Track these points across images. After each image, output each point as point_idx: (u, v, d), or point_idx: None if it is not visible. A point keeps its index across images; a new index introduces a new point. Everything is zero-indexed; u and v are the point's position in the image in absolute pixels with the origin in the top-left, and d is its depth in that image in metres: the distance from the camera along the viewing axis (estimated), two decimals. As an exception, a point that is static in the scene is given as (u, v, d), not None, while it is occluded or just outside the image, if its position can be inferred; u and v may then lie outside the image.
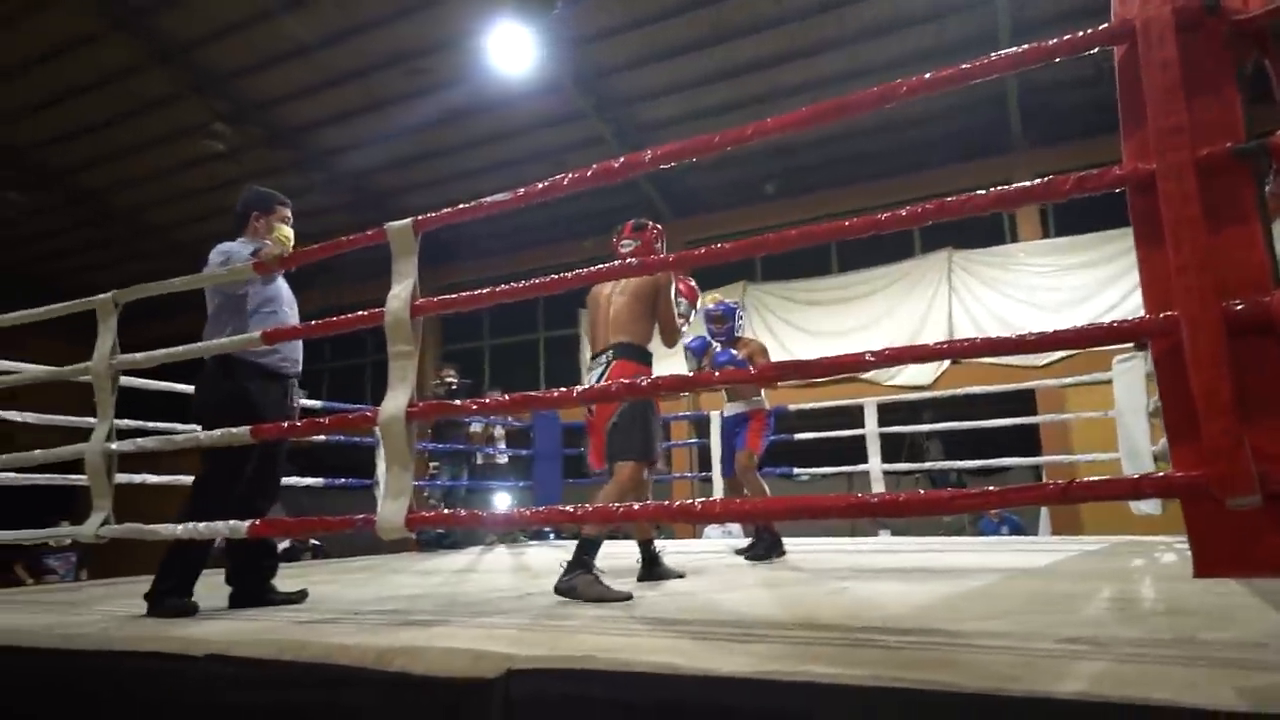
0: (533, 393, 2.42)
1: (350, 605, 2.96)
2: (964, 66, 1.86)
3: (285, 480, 5.83)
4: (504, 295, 2.53)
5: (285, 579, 3.42)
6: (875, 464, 6.29)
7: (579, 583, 2.80)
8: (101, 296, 3.35)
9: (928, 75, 1.91)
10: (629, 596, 2.79)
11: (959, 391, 7.05)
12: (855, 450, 6.54)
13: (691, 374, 4.53)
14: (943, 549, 5.17)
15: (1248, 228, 1.61)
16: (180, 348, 3.11)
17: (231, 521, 2.75)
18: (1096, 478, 1.68)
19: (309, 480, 5.88)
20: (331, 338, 15.32)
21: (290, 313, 3.35)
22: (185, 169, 13.19)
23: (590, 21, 9.75)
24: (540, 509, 2.53)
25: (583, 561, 2.87)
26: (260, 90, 11.53)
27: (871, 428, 6.33)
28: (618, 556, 3.85)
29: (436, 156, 12.52)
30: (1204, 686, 1.42)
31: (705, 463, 7.46)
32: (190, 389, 3.50)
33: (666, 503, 2.07)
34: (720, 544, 6.80)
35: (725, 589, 3.13)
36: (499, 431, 8.20)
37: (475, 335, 15.15)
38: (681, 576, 3.56)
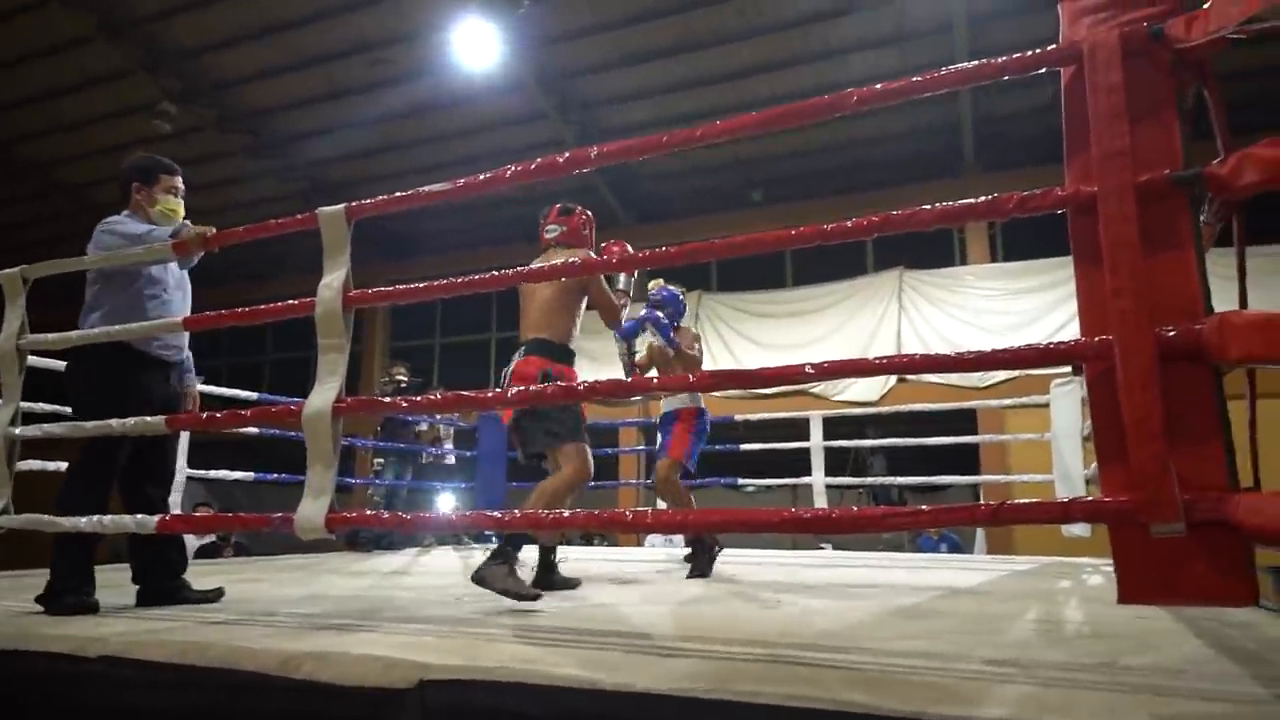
0: (464, 392, 2.36)
1: (269, 606, 2.85)
2: (914, 80, 1.85)
3: (217, 473, 5.74)
4: (440, 290, 2.46)
5: (207, 576, 3.31)
6: (818, 478, 6.30)
7: (492, 572, 2.71)
8: (8, 272, 3.15)
9: (878, 86, 1.89)
10: (537, 596, 2.72)
11: (903, 408, 7.14)
12: (801, 463, 6.54)
13: (623, 360, 4.40)
14: (881, 565, 5.18)
15: (1183, 254, 1.61)
16: (95, 330, 2.95)
17: (139, 515, 2.63)
18: (1029, 500, 1.67)
19: (239, 474, 5.71)
20: (274, 328, 15.48)
21: (179, 296, 3.16)
22: (131, 147, 12.83)
23: (557, 21, 9.70)
24: (468, 512, 2.46)
25: (504, 552, 2.79)
26: (214, 71, 11.29)
27: (816, 441, 6.34)
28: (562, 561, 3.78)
29: (395, 150, 12.37)
30: (1123, 712, 1.40)
31: (650, 469, 7.43)
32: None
33: (596, 511, 2.00)
34: (660, 553, 6.75)
35: (657, 601, 3.08)
36: (446, 431, 8.08)
37: (427, 333, 15.00)
38: (576, 586, 3.50)
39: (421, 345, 14.86)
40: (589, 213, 3.60)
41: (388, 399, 2.55)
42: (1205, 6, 1.63)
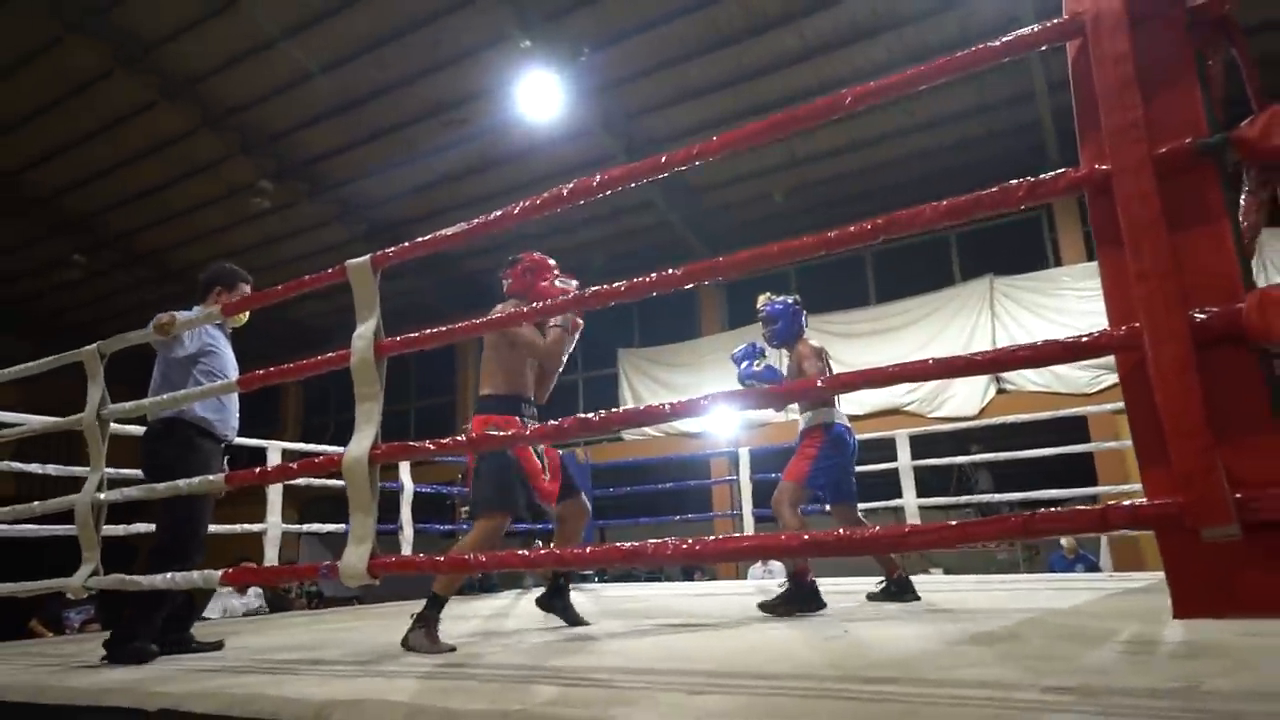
0: (492, 433, 2.34)
1: (336, 653, 2.88)
2: (907, 73, 1.74)
3: (317, 526, 5.93)
4: (464, 332, 2.45)
5: (280, 628, 3.35)
6: (909, 498, 6.05)
7: (412, 637, 2.87)
8: (87, 349, 3.37)
9: (872, 84, 1.79)
10: (451, 649, 2.79)
11: (994, 421, 6.80)
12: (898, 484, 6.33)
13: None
14: (980, 588, 4.89)
15: (1214, 228, 1.46)
16: (165, 395, 3.10)
17: (206, 571, 2.70)
18: (1064, 509, 1.52)
19: (329, 527, 5.86)
20: (418, 375, 16.13)
21: (235, 377, 3.35)
22: (236, 226, 13.55)
23: (616, 66, 9.80)
24: (501, 553, 2.43)
25: (425, 617, 2.91)
26: (303, 148, 11.81)
27: (905, 461, 6.10)
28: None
29: (472, 204, 12.65)
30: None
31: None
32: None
33: (605, 545, 1.93)
34: (751, 585, 6.58)
35: (719, 634, 2.99)
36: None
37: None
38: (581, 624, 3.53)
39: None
40: (534, 257, 3.62)
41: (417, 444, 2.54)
42: (1219, -44, 1.50)
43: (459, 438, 2.78)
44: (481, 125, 10.74)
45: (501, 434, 2.68)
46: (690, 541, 1.77)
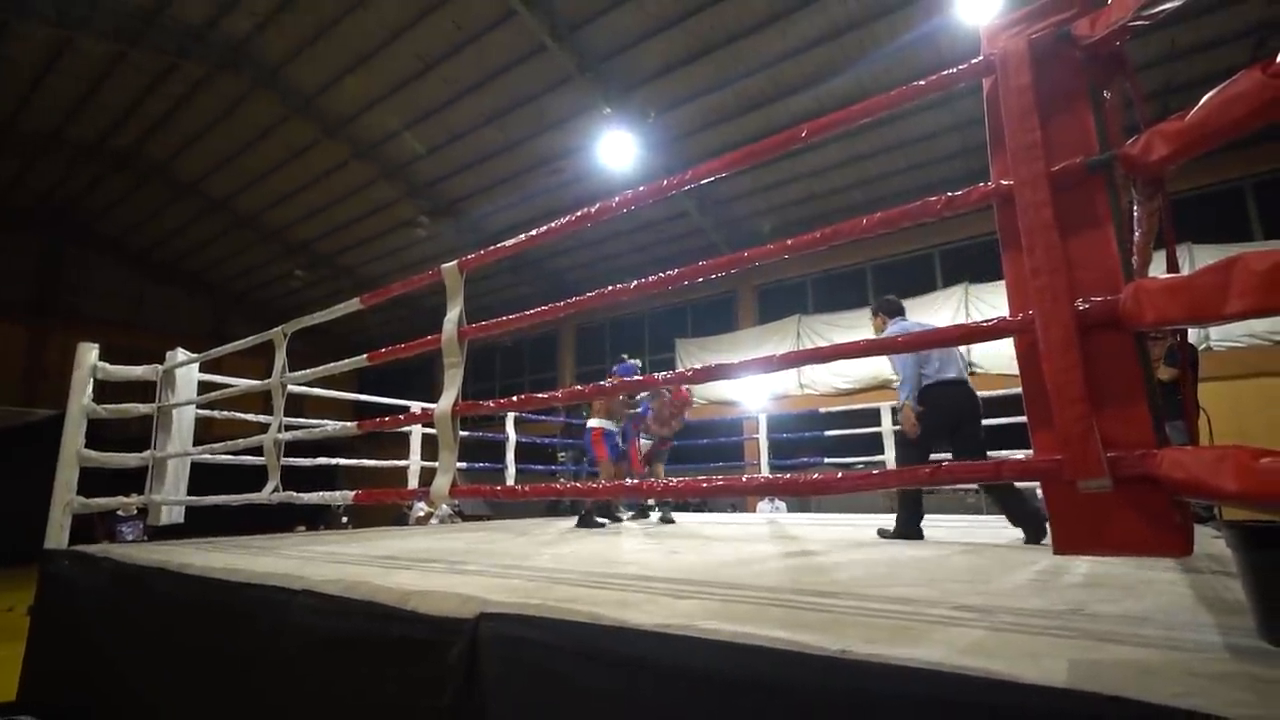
0: (539, 394, 2.29)
1: (457, 556, 2.88)
2: (847, 110, 1.60)
3: (464, 464, 6.08)
4: (531, 318, 2.38)
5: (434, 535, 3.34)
6: (890, 457, 5.79)
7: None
8: (274, 330, 3.43)
9: (823, 119, 1.65)
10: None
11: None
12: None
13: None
14: (946, 526, 4.62)
15: (1100, 232, 1.29)
16: (331, 364, 3.12)
17: (343, 491, 2.73)
18: (965, 461, 1.37)
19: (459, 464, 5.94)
20: (529, 356, 16.50)
21: None
22: (403, 249, 14.00)
23: (678, 125, 9.66)
24: (543, 485, 2.40)
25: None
26: (449, 192, 12.06)
27: (887, 427, 5.85)
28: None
29: (571, 242, 12.82)
30: (1043, 656, 1.10)
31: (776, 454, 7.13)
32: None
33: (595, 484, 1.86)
34: (761, 517, 6.44)
35: (723, 553, 2.88)
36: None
37: (600, 359, 15.32)
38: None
39: (596, 369, 15.12)
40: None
41: (487, 403, 2.49)
42: (1108, 2, 1.32)
43: (515, 398, 2.70)
44: (574, 173, 10.76)
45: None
46: (676, 481, 1.68)
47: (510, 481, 6.48)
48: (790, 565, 2.42)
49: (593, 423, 5.35)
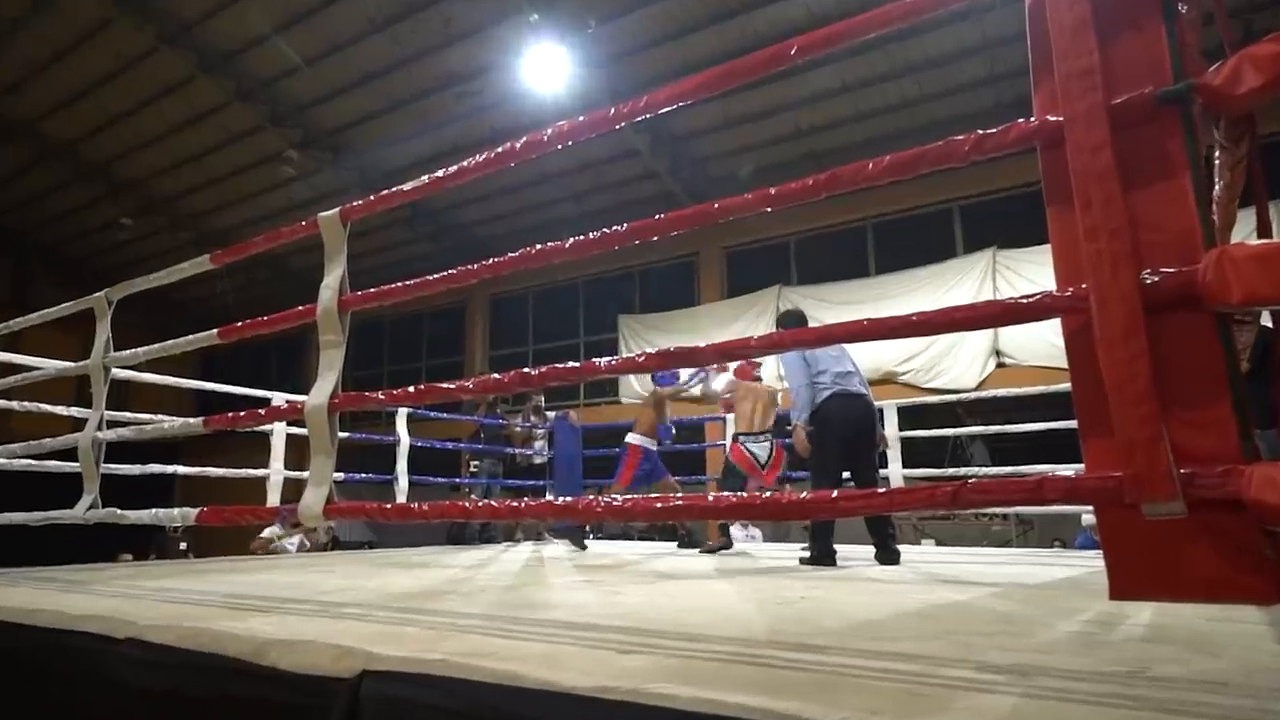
0: (443, 384, 2.23)
1: (303, 594, 2.78)
2: (847, 21, 1.56)
3: (341, 475, 5.96)
4: (424, 287, 2.33)
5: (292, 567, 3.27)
6: (895, 469, 5.89)
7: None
8: (95, 296, 3.37)
9: (816, 33, 1.61)
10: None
11: (986, 394, 6.59)
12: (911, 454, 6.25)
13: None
14: (967, 560, 4.71)
15: (1173, 184, 1.29)
16: (169, 342, 3.04)
17: (184, 509, 2.67)
18: (998, 477, 1.36)
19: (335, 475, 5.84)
20: (430, 336, 16.42)
21: None
22: (269, 193, 13.64)
23: (624, 39, 9.58)
24: (446, 503, 2.38)
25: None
26: (326, 119, 11.78)
27: (891, 431, 5.92)
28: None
29: (486, 183, 12.61)
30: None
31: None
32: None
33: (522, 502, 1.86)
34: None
35: (676, 592, 2.88)
36: (538, 433, 8.04)
37: (521, 342, 15.28)
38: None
39: (517, 353, 15.10)
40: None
41: (372, 394, 2.46)
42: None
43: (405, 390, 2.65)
44: (491, 98, 10.59)
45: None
46: (623, 500, 1.65)
47: (402, 498, 6.44)
48: (766, 609, 2.40)
49: (631, 438, 6.00)
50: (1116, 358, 1.24)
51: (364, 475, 6.30)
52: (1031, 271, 10.00)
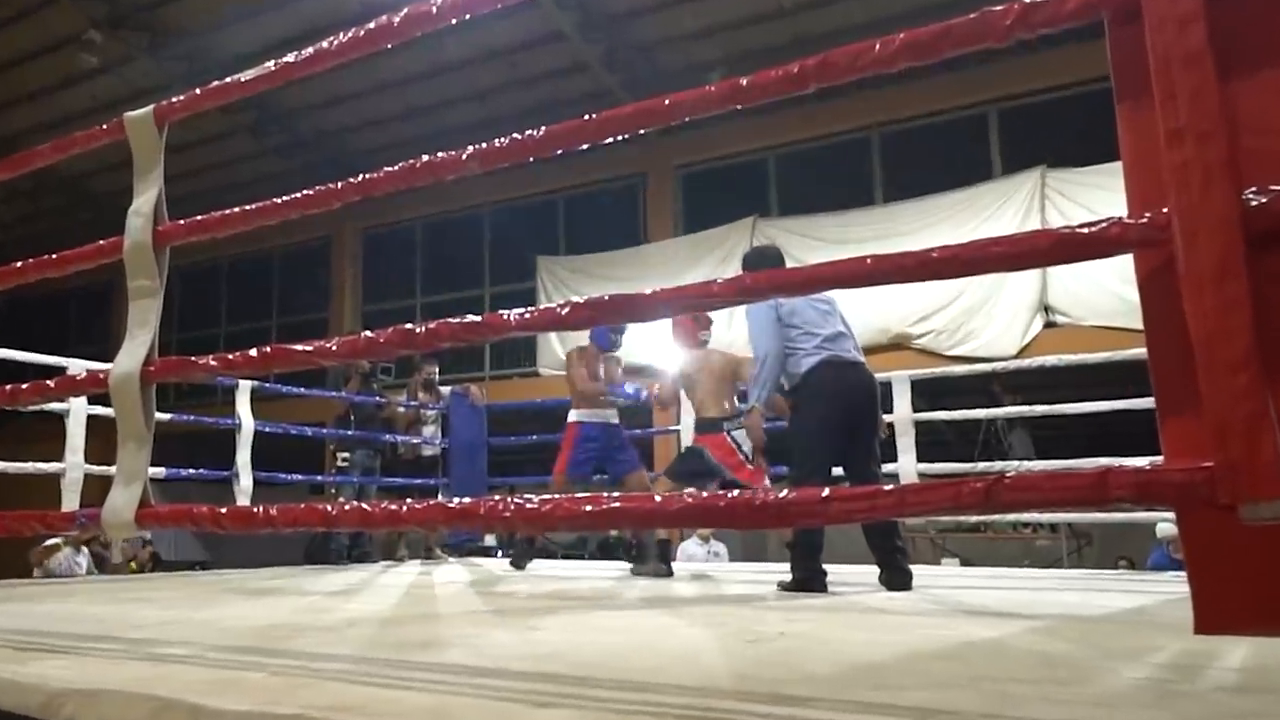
0: (301, 345, 2.15)
1: (109, 629, 2.77)
2: None
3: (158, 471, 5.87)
4: (270, 212, 2.29)
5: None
6: (908, 462, 5.93)
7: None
8: None
9: None
10: None
11: (1030, 363, 6.61)
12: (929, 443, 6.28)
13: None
14: (998, 584, 4.76)
15: (1284, 71, 1.28)
16: None
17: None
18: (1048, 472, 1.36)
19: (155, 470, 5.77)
20: (229, 295, 16.28)
21: None
22: (62, 88, 13.37)
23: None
24: (302, 507, 2.35)
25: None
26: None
27: (903, 412, 5.95)
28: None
29: (350, 68, 12.41)
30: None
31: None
32: None
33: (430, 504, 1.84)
34: (682, 566, 6.67)
35: (618, 625, 2.95)
36: (427, 415, 7.94)
37: (405, 292, 15.29)
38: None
39: (400, 307, 15.07)
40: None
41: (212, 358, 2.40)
42: None
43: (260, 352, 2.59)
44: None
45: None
46: (539, 501, 1.62)
47: (244, 500, 6.39)
48: (733, 649, 2.42)
49: (573, 415, 6.01)
50: (1207, 307, 1.24)
51: (192, 471, 6.24)
52: (1092, 198, 10.15)
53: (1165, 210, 1.29)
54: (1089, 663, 2.21)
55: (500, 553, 9.09)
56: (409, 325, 1.90)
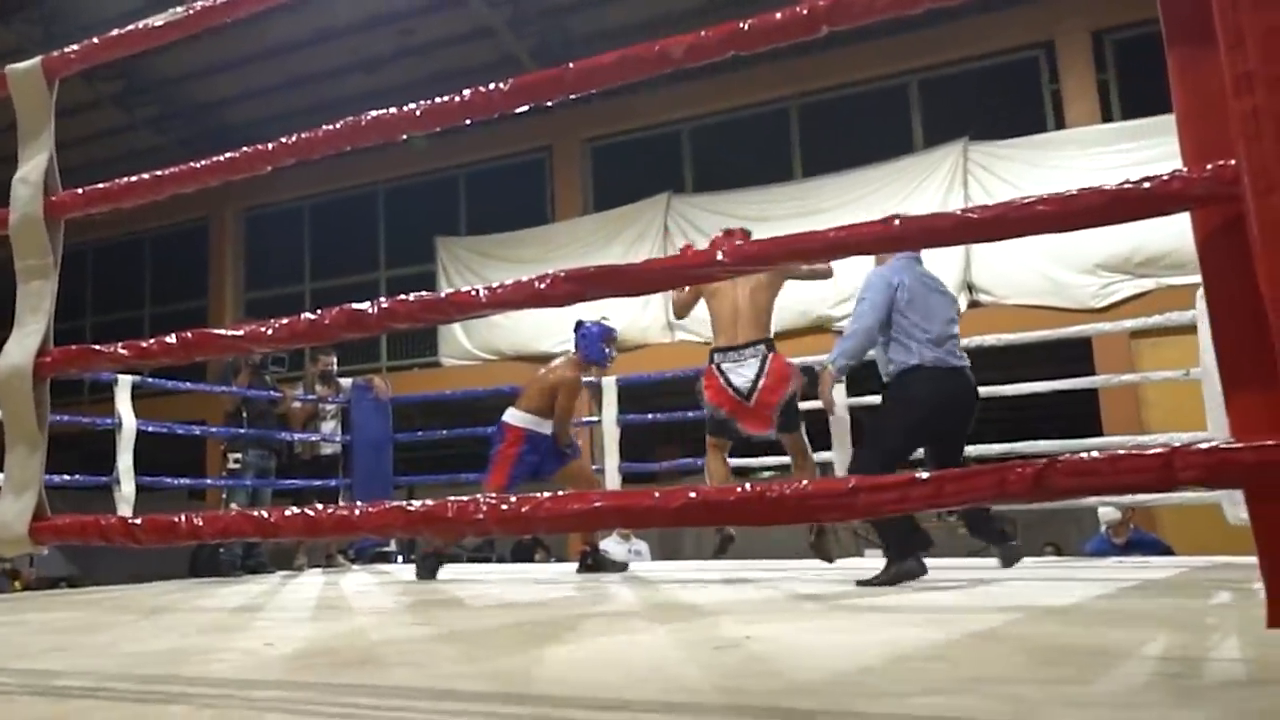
0: (212, 332, 2.04)
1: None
2: None
3: None
4: (168, 185, 2.21)
5: None
6: (840, 452, 6.04)
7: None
8: None
9: None
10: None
11: (970, 343, 6.71)
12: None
13: None
14: (949, 576, 4.79)
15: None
16: None
17: None
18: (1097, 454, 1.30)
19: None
20: (153, 275, 16.02)
21: None
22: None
23: None
24: (233, 515, 2.25)
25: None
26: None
27: (839, 397, 5.95)
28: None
29: (240, 39, 12.22)
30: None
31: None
32: None
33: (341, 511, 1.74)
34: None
35: (559, 636, 2.90)
36: (326, 410, 7.75)
37: (293, 276, 15.11)
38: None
39: (286, 294, 14.86)
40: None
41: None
42: None
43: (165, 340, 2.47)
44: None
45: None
46: (516, 501, 1.52)
47: (126, 508, 6.28)
48: (703, 657, 2.39)
49: (512, 416, 5.82)
50: (1281, 268, 1.19)
51: (66, 476, 6.03)
52: (1016, 173, 10.36)
53: (1233, 163, 1.25)
54: (1086, 655, 2.21)
55: (402, 559, 8.92)
56: (360, 305, 1.80)
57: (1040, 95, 11.42)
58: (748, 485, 1.44)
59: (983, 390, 6.62)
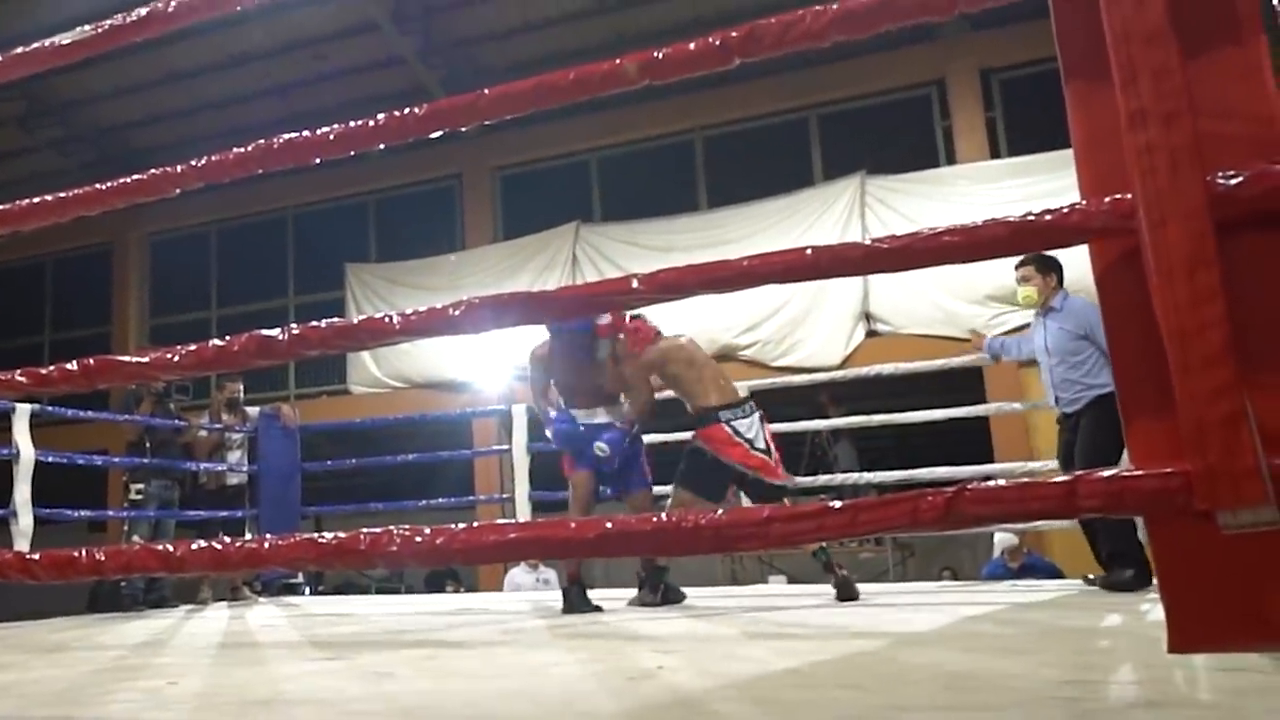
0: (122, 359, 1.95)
1: None
2: None
3: None
4: (69, 209, 2.11)
5: None
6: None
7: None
8: None
9: None
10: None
11: (856, 373, 6.83)
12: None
13: None
14: (838, 603, 4.81)
15: (1246, 51, 1.27)
16: None
17: None
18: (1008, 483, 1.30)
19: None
20: (55, 299, 15.59)
21: None
22: None
23: None
24: (136, 549, 2.13)
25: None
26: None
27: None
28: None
29: (147, 63, 11.97)
30: None
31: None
32: None
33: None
34: (518, 598, 6.71)
35: (474, 668, 2.88)
36: (233, 440, 7.54)
37: (199, 302, 14.74)
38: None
39: (192, 320, 14.52)
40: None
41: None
42: None
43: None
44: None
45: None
46: (430, 533, 1.47)
47: (23, 543, 6.10)
48: (616, 688, 2.35)
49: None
50: (1179, 299, 1.20)
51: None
52: (910, 206, 10.52)
53: (1129, 197, 1.25)
54: (988, 684, 2.19)
55: (309, 590, 8.72)
56: (270, 331, 1.73)
57: (933, 131, 11.64)
58: (663, 515, 1.42)
59: (879, 418, 6.79)
